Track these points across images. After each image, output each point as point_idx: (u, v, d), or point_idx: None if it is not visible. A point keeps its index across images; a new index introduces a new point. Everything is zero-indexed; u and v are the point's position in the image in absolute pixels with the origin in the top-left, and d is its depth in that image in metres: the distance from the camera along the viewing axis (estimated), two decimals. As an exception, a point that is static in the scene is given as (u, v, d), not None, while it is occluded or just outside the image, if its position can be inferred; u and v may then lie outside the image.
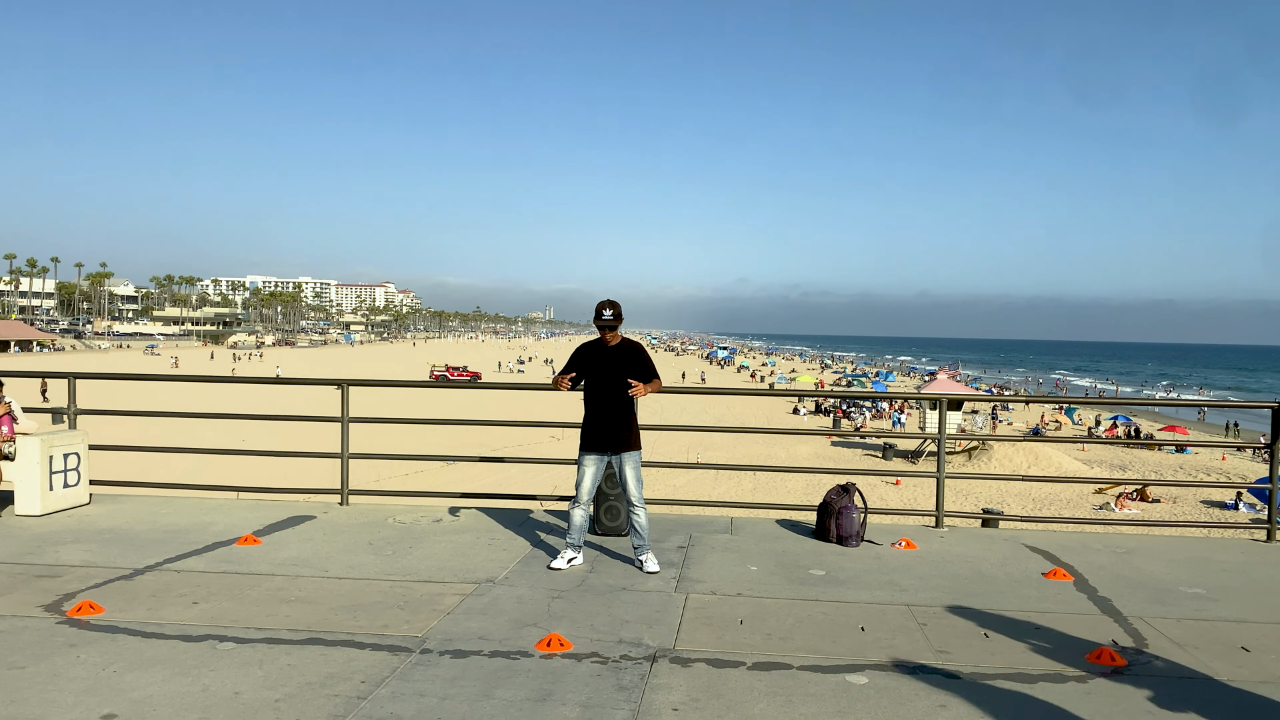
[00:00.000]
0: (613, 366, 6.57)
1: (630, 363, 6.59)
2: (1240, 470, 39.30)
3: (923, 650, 4.99)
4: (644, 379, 6.55)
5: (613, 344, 6.61)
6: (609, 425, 6.56)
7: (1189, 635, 5.36)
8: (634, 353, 6.64)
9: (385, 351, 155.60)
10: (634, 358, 6.62)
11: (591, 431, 6.61)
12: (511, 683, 4.44)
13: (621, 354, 6.60)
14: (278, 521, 7.84)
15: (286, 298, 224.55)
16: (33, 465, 7.89)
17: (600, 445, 6.59)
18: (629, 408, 6.63)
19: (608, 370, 6.57)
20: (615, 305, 6.56)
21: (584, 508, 6.64)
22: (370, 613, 5.45)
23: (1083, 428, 58.12)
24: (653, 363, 6.70)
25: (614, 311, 6.51)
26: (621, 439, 6.57)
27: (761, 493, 31.34)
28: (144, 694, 4.21)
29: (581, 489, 6.61)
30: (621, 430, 6.56)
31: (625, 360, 6.59)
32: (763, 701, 4.28)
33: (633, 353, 6.63)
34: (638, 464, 6.65)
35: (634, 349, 6.66)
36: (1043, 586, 6.33)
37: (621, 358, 6.59)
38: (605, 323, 6.50)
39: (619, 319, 6.52)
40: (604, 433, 6.57)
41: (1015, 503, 30.25)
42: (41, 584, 5.91)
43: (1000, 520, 8.74)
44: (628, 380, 6.46)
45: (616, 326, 6.56)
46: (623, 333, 6.72)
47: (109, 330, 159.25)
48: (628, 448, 6.60)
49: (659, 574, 6.45)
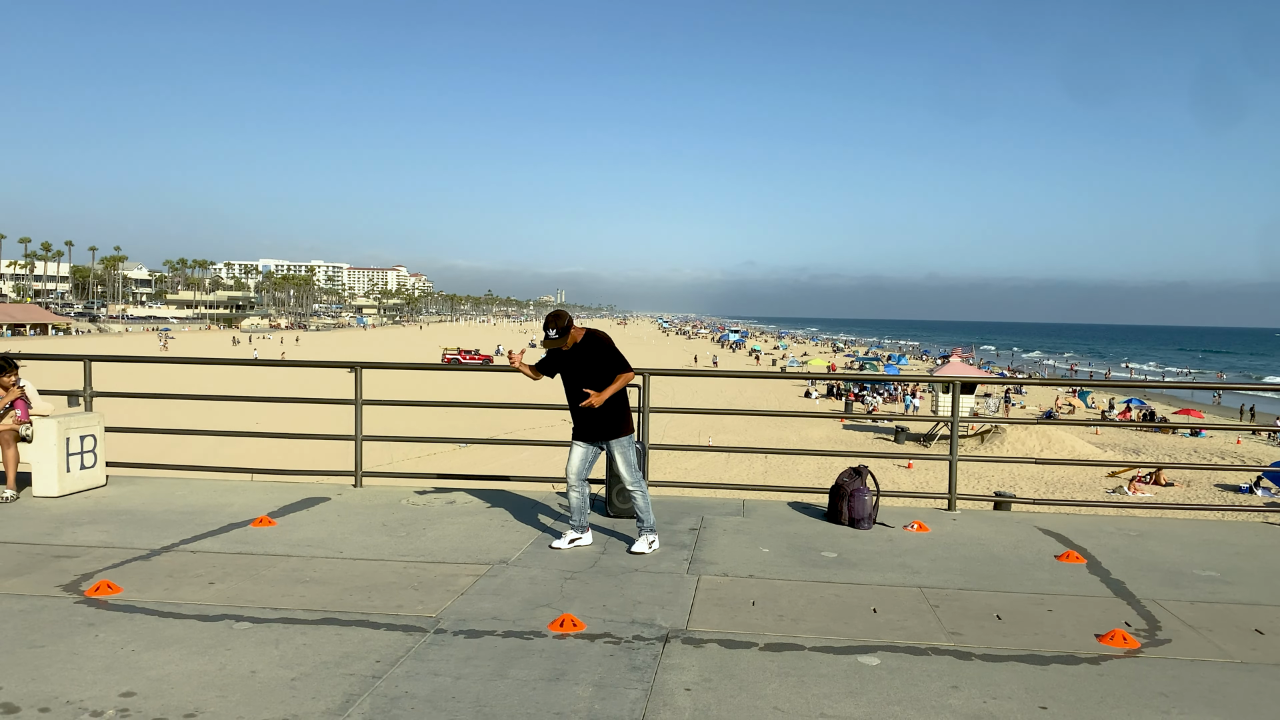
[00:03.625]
0: (575, 368, 6.64)
1: (590, 360, 6.61)
2: (1255, 454, 39.09)
3: (935, 632, 5.00)
4: (605, 372, 6.56)
5: (569, 348, 6.64)
6: (589, 419, 6.65)
7: (1202, 618, 5.34)
8: (592, 348, 6.62)
9: (397, 335, 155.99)
10: (593, 353, 6.61)
11: (576, 424, 6.75)
12: (525, 662, 4.47)
13: (580, 354, 6.63)
14: (292, 503, 7.89)
15: (299, 281, 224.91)
16: (50, 447, 7.96)
17: (585, 436, 6.72)
18: (608, 400, 6.64)
19: (571, 373, 6.66)
20: (559, 321, 6.55)
21: (577, 489, 6.73)
22: (385, 593, 5.49)
23: (1096, 411, 57.86)
24: (615, 352, 6.64)
25: (557, 329, 6.51)
26: (602, 430, 6.65)
27: (773, 475, 31.36)
28: (162, 672, 4.26)
29: (570, 472, 6.71)
30: (600, 423, 6.64)
31: (585, 359, 6.62)
32: (775, 682, 4.29)
33: (591, 349, 6.62)
34: (626, 449, 6.70)
35: (592, 344, 6.63)
36: (1055, 569, 6.32)
37: (581, 357, 6.63)
38: (552, 342, 6.52)
39: (563, 334, 6.49)
40: (586, 425, 6.68)
41: (1028, 486, 30.18)
42: (60, 564, 5.98)
43: (1013, 503, 8.72)
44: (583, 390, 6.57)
45: (561, 343, 6.54)
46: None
47: (123, 314, 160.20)
48: (613, 435, 6.67)
49: (667, 555, 6.50)
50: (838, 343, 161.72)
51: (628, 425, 6.74)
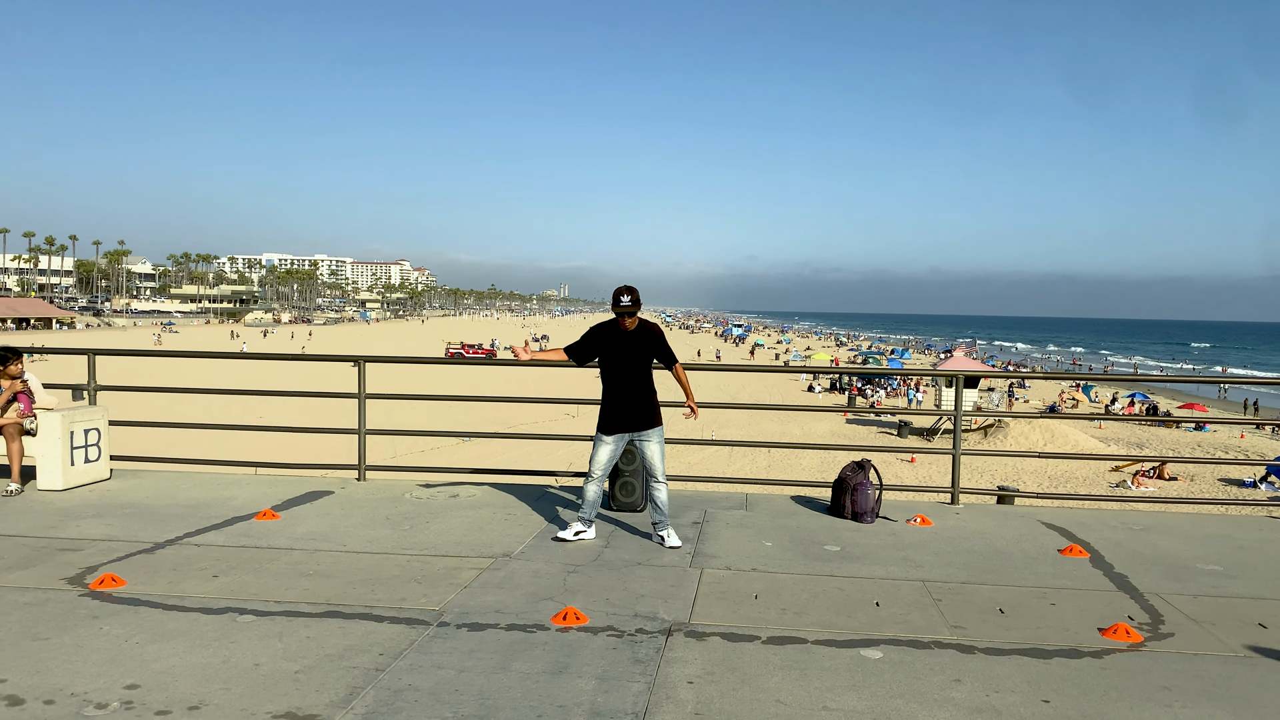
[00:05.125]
0: (632, 350, 6.55)
1: (650, 346, 6.59)
2: (1259, 449, 39.00)
3: (937, 625, 5.00)
4: (665, 360, 6.71)
5: (631, 328, 6.58)
6: (630, 407, 6.56)
7: (1205, 612, 5.34)
8: (653, 336, 6.61)
9: (400, 329, 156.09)
10: (653, 341, 6.60)
11: (611, 413, 6.60)
12: (528, 655, 4.48)
13: (641, 338, 6.57)
14: (296, 497, 7.91)
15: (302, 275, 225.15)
16: (54, 441, 7.97)
17: (621, 427, 6.59)
18: (650, 388, 6.63)
19: (628, 354, 6.55)
20: (633, 291, 6.50)
21: (598, 483, 6.65)
22: (388, 586, 5.50)
23: (1100, 405, 57.77)
24: (668, 345, 6.70)
25: (632, 297, 6.45)
26: (644, 419, 6.58)
27: (776, 469, 31.35)
28: (166, 665, 4.27)
29: (596, 465, 6.61)
30: (643, 410, 6.57)
31: (645, 344, 6.58)
32: (778, 675, 4.30)
33: (651, 336, 6.61)
34: (661, 440, 6.66)
35: (653, 332, 6.62)
36: (1058, 563, 6.32)
37: (641, 342, 6.57)
38: (624, 309, 6.44)
39: (638, 305, 6.46)
40: (625, 415, 6.56)
41: (1031, 480, 30.16)
42: (64, 557, 5.99)
43: (1016, 497, 8.71)
44: (687, 406, 6.81)
45: (635, 312, 6.52)
46: (638, 315, 6.70)
47: (127, 308, 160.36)
48: (650, 425, 6.61)
49: (678, 549, 6.48)
50: (841, 337, 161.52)
51: (660, 415, 6.71)
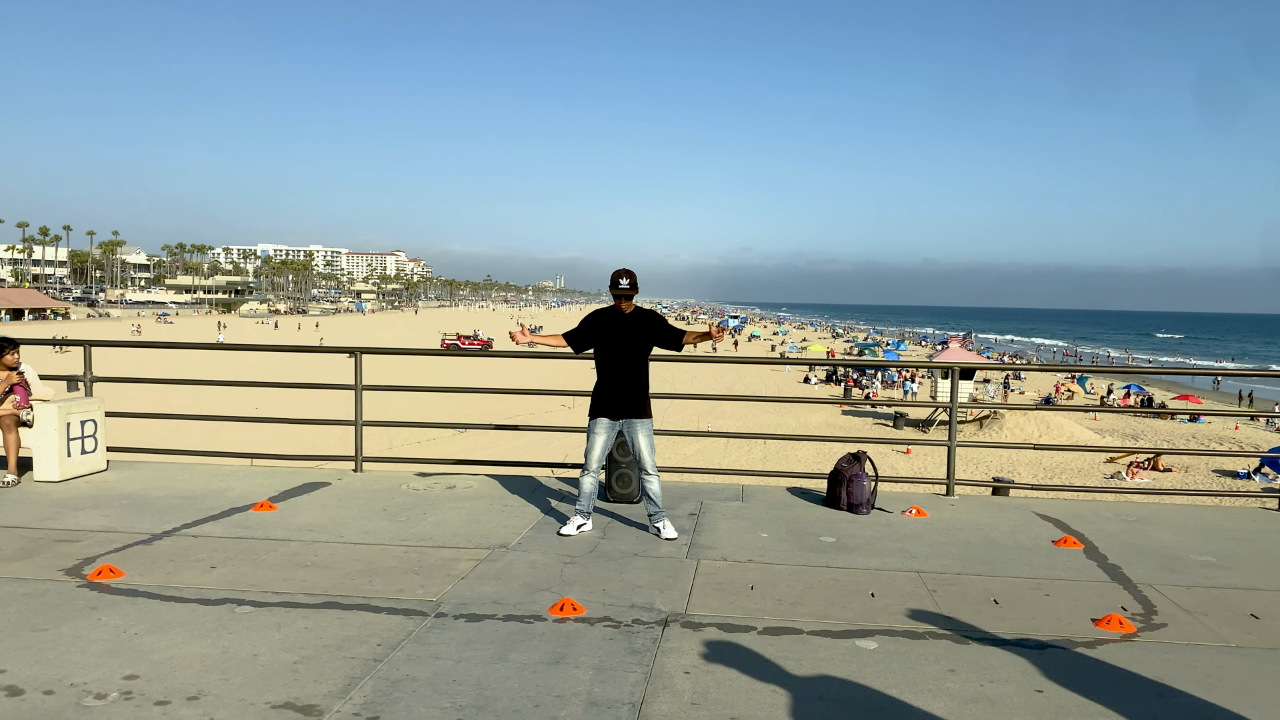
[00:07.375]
0: (629, 335, 6.54)
1: (649, 330, 6.57)
2: (1253, 440, 39.15)
3: (932, 616, 5.03)
4: (670, 339, 6.57)
5: (628, 312, 6.59)
6: (623, 392, 6.55)
7: (1198, 602, 5.38)
8: (651, 319, 6.61)
9: (395, 320, 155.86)
10: (653, 324, 6.59)
11: (604, 398, 6.60)
12: (525, 646, 4.50)
13: (639, 322, 6.56)
14: (293, 488, 7.92)
15: (298, 266, 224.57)
16: (51, 432, 7.97)
17: (612, 411, 6.57)
18: (643, 376, 6.63)
19: (624, 338, 6.54)
20: (631, 274, 6.50)
21: (594, 475, 6.65)
22: (385, 577, 5.51)
23: (1095, 397, 57.91)
24: (670, 325, 6.66)
25: (630, 280, 6.46)
26: (634, 406, 6.57)
27: (772, 461, 31.42)
28: (165, 655, 4.29)
29: (591, 456, 6.61)
30: (635, 398, 6.56)
31: (644, 329, 6.57)
32: (773, 665, 4.31)
33: (651, 319, 6.60)
34: (650, 432, 6.65)
35: (651, 315, 6.62)
36: (1053, 554, 6.35)
37: (639, 326, 6.56)
38: (622, 291, 6.44)
39: (635, 288, 6.47)
40: (617, 399, 6.56)
41: (1026, 471, 30.25)
42: (62, 548, 6.00)
43: (1011, 488, 8.75)
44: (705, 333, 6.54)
45: (633, 295, 6.52)
46: (635, 302, 6.68)
47: (122, 299, 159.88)
48: (640, 415, 6.60)
49: (674, 540, 6.50)
50: (837, 328, 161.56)
51: (650, 408, 6.70)
